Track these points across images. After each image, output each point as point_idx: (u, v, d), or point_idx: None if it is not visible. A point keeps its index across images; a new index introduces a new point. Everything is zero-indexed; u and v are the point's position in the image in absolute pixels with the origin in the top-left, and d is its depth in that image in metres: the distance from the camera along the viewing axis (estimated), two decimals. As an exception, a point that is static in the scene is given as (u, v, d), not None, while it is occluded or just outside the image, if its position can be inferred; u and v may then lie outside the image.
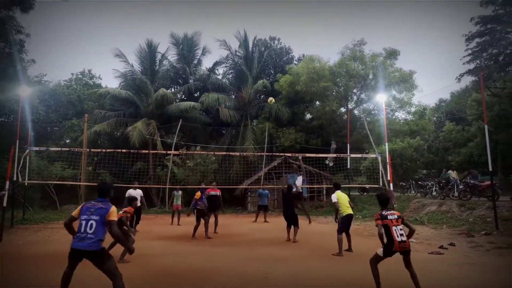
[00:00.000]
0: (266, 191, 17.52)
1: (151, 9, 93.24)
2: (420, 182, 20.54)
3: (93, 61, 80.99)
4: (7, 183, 11.96)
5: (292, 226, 10.47)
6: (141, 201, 12.92)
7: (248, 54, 29.73)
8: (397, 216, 5.46)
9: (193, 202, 11.64)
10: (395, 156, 20.16)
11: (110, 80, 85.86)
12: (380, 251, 5.41)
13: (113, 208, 4.77)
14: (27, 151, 14.07)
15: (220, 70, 32.92)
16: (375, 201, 20.05)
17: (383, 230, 5.37)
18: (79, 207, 4.91)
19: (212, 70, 31.50)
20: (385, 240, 5.38)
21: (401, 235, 5.32)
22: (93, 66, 77.43)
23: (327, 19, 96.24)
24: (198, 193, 11.47)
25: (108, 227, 4.64)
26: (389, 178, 13.21)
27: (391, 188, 12.86)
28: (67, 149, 18.24)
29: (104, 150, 18.66)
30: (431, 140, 29.28)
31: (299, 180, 14.30)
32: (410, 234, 5.49)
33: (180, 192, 15.87)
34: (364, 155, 19.87)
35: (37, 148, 16.00)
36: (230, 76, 31.92)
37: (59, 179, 18.96)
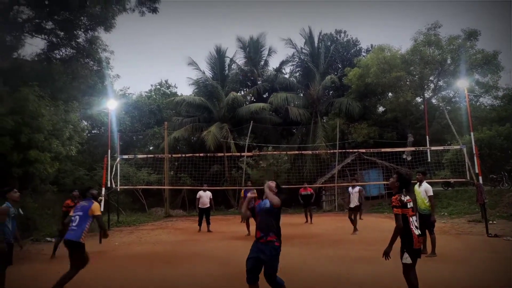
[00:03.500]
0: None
1: (218, 15, 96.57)
2: (513, 174, 18.58)
3: (169, 71, 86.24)
4: (103, 189, 13.31)
5: None
6: (210, 203, 13.63)
7: (314, 50, 29.46)
8: (413, 203, 4.64)
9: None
10: (482, 146, 18.44)
11: (184, 88, 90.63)
12: (406, 258, 4.39)
13: (95, 204, 5.88)
14: (118, 159, 15.51)
15: (287, 69, 33.11)
16: (462, 196, 18.65)
17: (402, 223, 4.38)
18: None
19: (279, 69, 31.77)
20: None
21: (417, 227, 4.51)
22: (169, 76, 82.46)
23: (394, 4, 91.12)
24: (242, 192, 11.96)
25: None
26: (477, 171, 12.18)
27: (480, 181, 11.84)
28: (152, 155, 19.74)
29: (183, 155, 19.85)
30: (525, 126, 26.28)
31: (356, 189, 12.45)
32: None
33: (254, 191, 16.44)
34: (447, 147, 18.51)
35: (126, 156, 17.53)
36: (297, 74, 31.90)
37: (146, 184, 20.60)
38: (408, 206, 4.47)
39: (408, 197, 4.55)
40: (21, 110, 12.27)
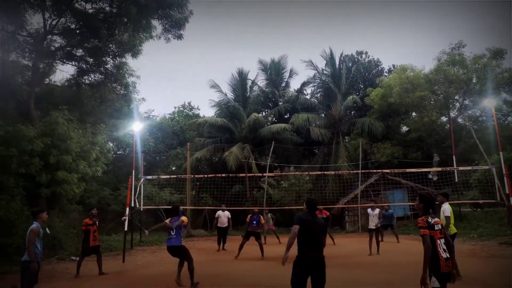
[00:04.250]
0: (391, 211, 15.99)
1: (241, 39, 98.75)
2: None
3: (192, 94, 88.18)
4: (127, 209, 13.51)
5: None
6: (228, 222, 13.83)
7: (335, 71, 29.56)
8: (441, 226, 4.39)
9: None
10: (512, 166, 17.80)
11: (207, 109, 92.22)
12: (434, 282, 4.15)
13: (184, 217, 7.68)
14: (142, 179, 15.78)
15: (308, 90, 33.24)
16: (491, 217, 17.94)
17: (431, 244, 4.18)
18: None
19: (300, 91, 31.95)
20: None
21: (445, 250, 4.26)
22: (192, 98, 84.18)
23: (417, 24, 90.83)
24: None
25: None
26: (507, 192, 11.73)
27: None
28: (175, 176, 20.01)
29: (206, 176, 20.02)
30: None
31: (376, 211, 12.53)
32: (450, 250, 4.33)
33: (270, 214, 16.79)
34: (475, 167, 17.95)
35: (150, 177, 17.82)
36: (319, 95, 31.94)
37: (168, 203, 20.79)
38: (436, 228, 4.29)
39: (436, 220, 4.37)
40: (51, 132, 12.80)
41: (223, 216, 14.36)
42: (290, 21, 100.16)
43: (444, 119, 24.48)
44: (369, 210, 12.88)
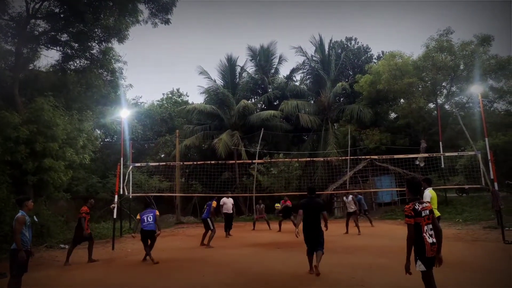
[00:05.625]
0: (359, 196, 16.69)
1: (229, 25, 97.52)
2: (530, 180, 18.20)
3: (181, 80, 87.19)
4: (116, 196, 13.43)
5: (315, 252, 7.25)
6: (232, 209, 14.01)
7: (324, 57, 29.50)
8: (429, 211, 4.44)
9: (208, 209, 12.24)
10: (497, 152, 18.10)
11: (196, 96, 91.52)
12: (420, 266, 4.33)
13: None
14: (131, 167, 15.63)
15: (298, 77, 33.20)
16: (476, 202, 18.32)
17: (414, 233, 4.32)
18: None
19: (289, 77, 31.87)
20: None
21: (432, 235, 4.34)
22: (181, 84, 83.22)
23: (405, 10, 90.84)
24: (214, 202, 12.61)
25: None
26: (492, 177, 11.95)
27: (496, 187, 11.61)
28: (164, 163, 19.90)
29: (195, 163, 19.96)
30: (541, 131, 25.73)
31: (349, 198, 14.40)
32: (438, 235, 4.39)
33: (262, 205, 17.47)
34: (461, 153, 18.24)
35: (138, 164, 17.68)
36: (308, 81, 31.94)
37: (157, 191, 20.74)
38: (423, 214, 4.37)
39: (424, 205, 4.45)
40: (36, 119, 12.55)
41: (229, 202, 14.73)
42: (279, 7, 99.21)
43: (431, 105, 24.73)
44: (344, 198, 15.12)
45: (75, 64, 17.04)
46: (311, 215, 7.20)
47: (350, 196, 14.60)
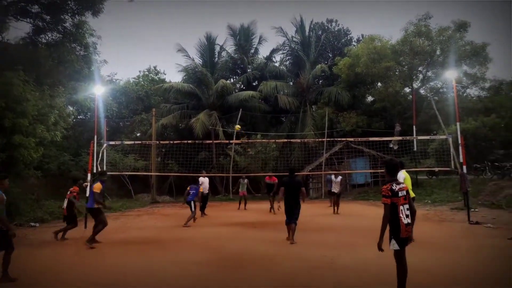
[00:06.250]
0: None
1: (209, 2, 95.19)
2: (496, 164, 18.99)
3: (158, 57, 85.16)
4: (89, 175, 13.16)
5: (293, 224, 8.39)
6: (208, 188, 13.99)
7: (305, 39, 29.35)
8: (406, 191, 4.52)
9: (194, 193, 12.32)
10: (467, 136, 18.73)
11: (173, 74, 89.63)
12: (394, 245, 4.42)
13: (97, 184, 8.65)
14: (105, 145, 15.28)
15: (277, 58, 32.97)
16: (445, 185, 18.99)
17: (389, 212, 4.39)
18: None
19: (269, 58, 31.60)
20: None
21: (407, 216, 4.41)
22: (158, 62, 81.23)
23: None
24: (202, 188, 13.23)
25: None
26: (461, 160, 12.38)
27: (464, 170, 12.05)
28: (139, 142, 19.61)
29: (171, 142, 19.74)
30: (509, 118, 26.70)
31: (338, 178, 14.35)
32: (412, 215, 4.50)
33: (246, 180, 16.59)
34: (433, 137, 18.75)
35: (113, 142, 17.32)
36: (288, 62, 31.80)
37: (132, 170, 20.46)
38: (400, 194, 4.45)
39: (401, 186, 4.54)
40: (5, 94, 12.00)
41: (206, 182, 14.58)
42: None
43: (407, 90, 25.16)
44: (332, 177, 14.70)
45: (47, 38, 16.31)
46: (292, 192, 8.34)
47: (340, 176, 14.50)
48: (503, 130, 22.02)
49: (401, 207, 4.40)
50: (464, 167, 12.17)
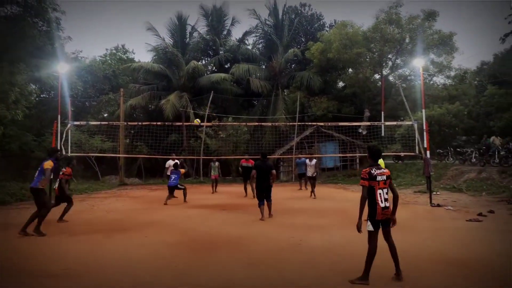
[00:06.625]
0: (303, 159, 16.90)
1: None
2: (458, 149, 19.87)
3: (126, 36, 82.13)
4: (52, 156, 12.66)
5: (266, 202, 9.15)
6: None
7: (278, 22, 29.16)
8: (386, 176, 4.66)
9: (177, 177, 12.68)
10: (432, 123, 19.47)
11: (142, 54, 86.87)
12: (369, 226, 4.60)
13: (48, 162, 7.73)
14: (69, 125, 14.75)
15: (250, 40, 32.61)
16: (410, 169, 19.70)
17: (366, 194, 4.56)
18: None
19: (242, 40, 31.23)
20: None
21: (386, 200, 4.59)
22: (126, 41, 78.42)
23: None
24: (183, 170, 13.35)
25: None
26: (425, 146, 12.86)
27: (428, 155, 12.52)
28: (106, 123, 18.99)
29: (140, 123, 19.26)
30: (472, 105, 27.88)
31: (313, 162, 14.20)
32: (395, 200, 4.72)
33: (217, 163, 16.37)
34: (399, 123, 19.33)
35: (77, 123, 16.73)
36: (260, 46, 31.53)
37: (99, 151, 19.86)
38: (378, 178, 4.58)
39: (381, 171, 4.65)
40: (-41, 69, 11.24)
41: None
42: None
43: (377, 76, 25.71)
44: (307, 160, 14.63)
45: (6, 11, 15.28)
46: (263, 174, 8.99)
47: (314, 160, 14.37)
48: (466, 117, 22.99)
49: (379, 191, 4.56)
50: (428, 152, 12.65)
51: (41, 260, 5.70)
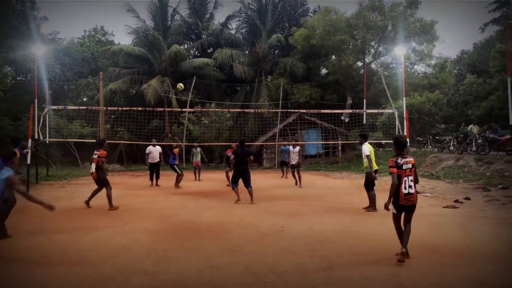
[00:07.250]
0: (287, 146, 17.10)
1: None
2: (437, 137, 20.31)
3: (105, 17, 79.58)
4: (29, 141, 12.33)
5: (246, 188, 9.50)
6: (159, 157, 13.57)
7: (261, 7, 28.76)
8: (411, 165, 4.93)
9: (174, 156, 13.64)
10: (412, 111, 19.78)
11: (123, 37, 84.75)
12: (392, 209, 4.98)
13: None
14: (46, 109, 14.32)
15: (233, 25, 32.12)
16: (390, 156, 19.98)
17: (397, 181, 4.81)
18: None
19: (225, 24, 30.70)
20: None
21: (410, 186, 4.86)
22: (105, 22, 75.88)
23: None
24: (176, 150, 13.90)
25: None
26: (405, 133, 13.08)
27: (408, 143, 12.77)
28: (85, 107, 18.52)
29: (120, 108, 18.88)
30: (451, 94, 28.45)
31: (296, 149, 13.79)
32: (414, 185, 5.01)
33: (199, 149, 16.21)
34: (381, 111, 19.57)
35: (55, 107, 16.29)
36: (244, 30, 31.07)
37: (78, 137, 19.44)
38: (404, 167, 4.89)
39: (406, 159, 4.94)
40: None
41: (155, 151, 13.74)
42: None
43: (359, 64, 25.78)
44: (290, 147, 14.17)
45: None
46: (241, 160, 9.52)
47: (298, 147, 13.96)
48: (445, 106, 23.42)
49: (404, 178, 4.87)
50: (408, 139, 12.86)
51: (19, 249, 5.57)
